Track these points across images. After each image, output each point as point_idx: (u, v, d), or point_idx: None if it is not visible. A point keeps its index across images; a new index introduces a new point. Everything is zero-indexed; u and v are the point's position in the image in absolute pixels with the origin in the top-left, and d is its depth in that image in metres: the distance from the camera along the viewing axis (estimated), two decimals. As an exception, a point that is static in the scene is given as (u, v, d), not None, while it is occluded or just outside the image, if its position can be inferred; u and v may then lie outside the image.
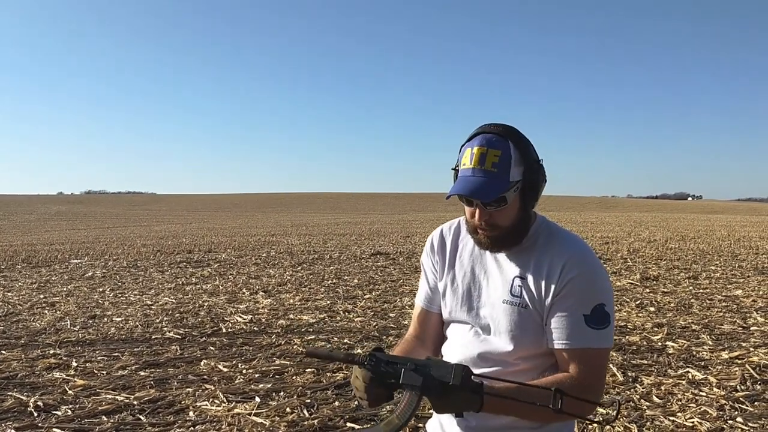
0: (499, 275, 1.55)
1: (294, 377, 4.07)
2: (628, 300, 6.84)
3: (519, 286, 1.50)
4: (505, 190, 1.41)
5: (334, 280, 8.60)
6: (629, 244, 14.01)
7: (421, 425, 3.07)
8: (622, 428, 3.22)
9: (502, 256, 1.55)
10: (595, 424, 3.24)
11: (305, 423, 3.24)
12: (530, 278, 1.49)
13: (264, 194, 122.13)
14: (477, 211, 1.46)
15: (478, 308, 1.56)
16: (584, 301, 1.43)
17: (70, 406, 3.53)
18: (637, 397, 3.69)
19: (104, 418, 3.37)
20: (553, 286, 1.45)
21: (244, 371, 4.19)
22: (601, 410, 3.44)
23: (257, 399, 3.61)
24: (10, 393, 3.75)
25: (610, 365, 4.28)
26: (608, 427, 3.24)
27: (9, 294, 7.74)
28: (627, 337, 5.12)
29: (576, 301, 1.43)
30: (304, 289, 7.86)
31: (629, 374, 4.13)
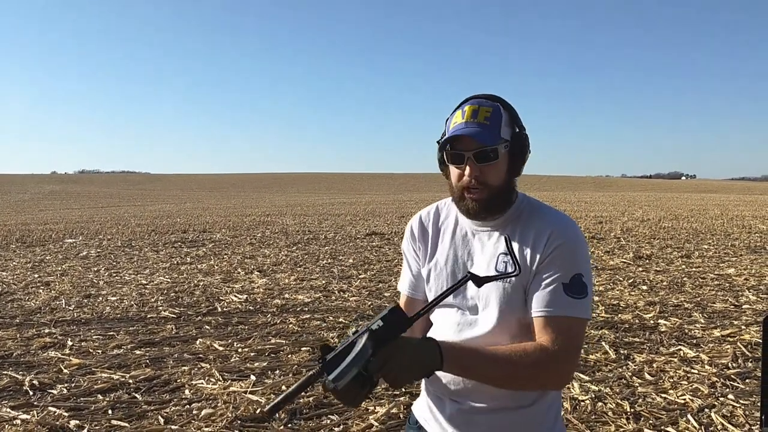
0: (483, 254, 1.54)
1: (289, 356, 4.09)
2: (621, 279, 6.88)
3: (504, 262, 1.50)
4: (497, 142, 1.44)
5: (329, 260, 8.62)
6: (623, 224, 14.06)
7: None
8: (614, 404, 3.26)
9: (484, 236, 1.55)
10: (587, 401, 3.28)
11: (300, 401, 3.26)
12: (516, 251, 1.48)
13: (259, 174, 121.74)
14: (468, 168, 1.46)
15: (464, 290, 1.55)
16: (564, 270, 1.43)
17: (66, 385, 3.55)
18: (629, 374, 3.72)
19: (99, 396, 3.39)
20: (538, 255, 1.46)
21: (239, 350, 4.21)
22: (593, 387, 3.48)
23: (252, 377, 3.64)
24: (5, 372, 3.76)
25: (603, 343, 4.32)
26: (600, 403, 3.28)
27: (3, 273, 7.73)
28: (620, 315, 5.16)
29: (557, 270, 1.43)
30: (299, 269, 7.87)
31: (621, 352, 4.16)
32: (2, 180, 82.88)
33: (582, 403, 3.27)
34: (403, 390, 3.39)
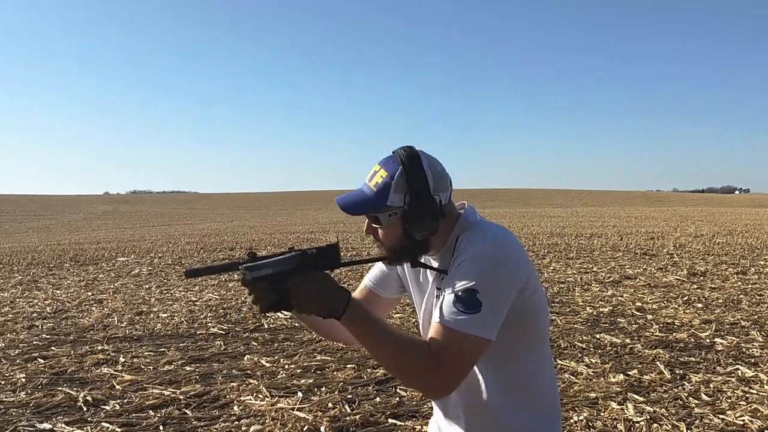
0: (426, 288, 1.65)
1: (335, 372, 4.10)
2: (674, 296, 6.68)
3: (437, 291, 1.58)
4: (375, 210, 1.49)
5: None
6: (675, 239, 13.68)
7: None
8: (669, 426, 3.15)
9: (427, 271, 1.64)
10: (642, 422, 3.18)
11: (347, 418, 3.26)
12: (445, 280, 1.53)
13: (303, 192, 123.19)
14: (366, 225, 1.58)
15: (423, 322, 1.68)
16: (459, 283, 1.42)
17: (118, 401, 3.63)
18: (685, 394, 3.60)
19: (151, 412, 3.45)
20: (451, 271, 1.49)
21: (286, 366, 4.24)
22: (648, 408, 3.37)
23: (299, 394, 3.65)
24: (60, 388, 3.86)
25: (658, 363, 4.19)
26: (655, 425, 3.17)
27: (58, 291, 7.98)
28: (674, 334, 5.00)
29: (455, 282, 1.43)
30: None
31: (677, 372, 4.03)
32: (56, 201, 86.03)
33: (637, 425, 3.18)
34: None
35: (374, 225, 1.54)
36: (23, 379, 4.03)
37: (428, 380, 1.38)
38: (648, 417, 3.26)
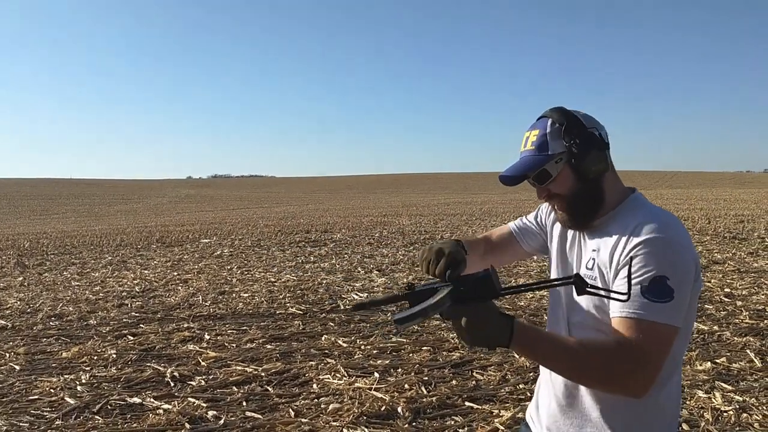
0: (579, 252, 1.57)
1: (410, 354, 4.13)
2: (766, 282, 6.32)
3: (593, 259, 1.48)
4: (540, 164, 1.46)
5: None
6: (767, 223, 12.91)
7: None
8: (760, 416, 3.01)
9: (585, 234, 1.55)
10: (731, 411, 3.04)
11: (423, 400, 3.28)
12: (602, 250, 1.46)
13: (375, 176, 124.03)
14: (536, 190, 1.52)
15: (563, 295, 1.59)
16: (644, 271, 1.33)
17: (204, 377, 3.79)
18: (779, 385, 3.41)
19: (234, 388, 3.59)
20: (616, 256, 1.40)
21: (362, 347, 4.31)
22: (737, 397, 3.22)
23: (376, 374, 3.70)
24: (148, 364, 4.07)
25: (748, 351, 3.99)
26: (745, 414, 3.03)
27: (146, 272, 8.40)
28: (765, 321, 4.75)
29: (636, 270, 1.34)
30: (417, 268, 7.92)
31: (769, 361, 3.83)
32: (143, 185, 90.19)
33: (725, 414, 3.04)
34: (529, 395, 3.32)
35: (545, 185, 1.49)
36: (114, 355, 4.27)
37: (628, 379, 1.32)
38: (737, 406, 3.12)
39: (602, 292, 1.36)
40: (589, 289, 1.31)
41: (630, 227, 1.41)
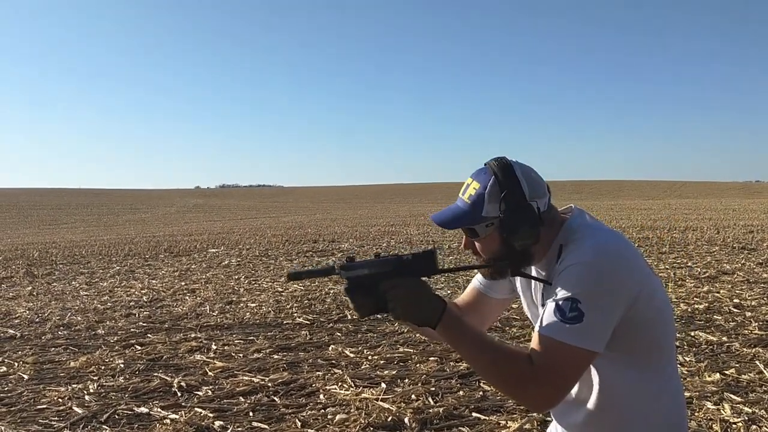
0: (535, 298, 1.61)
1: (418, 365, 4.12)
2: (776, 293, 6.28)
3: (542, 295, 1.53)
4: (471, 223, 1.47)
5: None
6: (777, 233, 12.84)
7: None
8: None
9: (535, 270, 1.59)
10: (740, 423, 3.02)
11: (431, 411, 3.27)
12: (549, 285, 1.48)
13: (383, 185, 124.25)
14: (463, 239, 1.55)
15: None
16: (563, 291, 1.35)
17: (211, 387, 3.79)
18: (791, 398, 3.38)
19: (241, 398, 3.59)
20: (555, 277, 1.43)
21: (369, 357, 4.30)
22: (746, 409, 3.19)
23: (383, 385, 3.70)
24: (155, 374, 4.08)
25: (757, 362, 3.96)
26: (754, 426, 3.00)
27: (153, 281, 8.43)
28: (777, 333, 4.71)
29: (558, 290, 1.37)
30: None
31: (781, 374, 3.79)
32: (151, 195, 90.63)
33: (734, 426, 3.02)
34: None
35: (472, 239, 1.52)
36: (122, 365, 4.28)
37: (525, 392, 1.33)
38: (746, 418, 3.09)
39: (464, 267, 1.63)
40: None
41: (562, 258, 1.44)
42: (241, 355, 4.48)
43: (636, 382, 1.43)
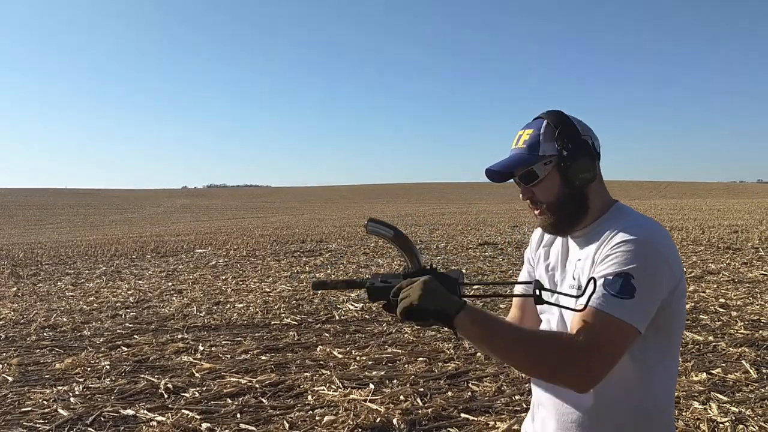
0: (569, 261, 1.55)
1: (406, 365, 4.12)
2: (761, 292, 6.34)
3: (577, 269, 1.48)
4: (529, 163, 1.46)
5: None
6: (761, 233, 12.97)
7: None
8: (756, 427, 3.01)
9: (573, 243, 1.54)
10: (727, 423, 3.04)
11: (419, 412, 3.26)
12: (585, 260, 1.45)
13: (370, 185, 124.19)
14: (521, 191, 1.51)
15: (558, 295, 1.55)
16: (612, 268, 1.32)
17: (198, 389, 3.76)
18: (775, 397, 3.42)
19: (229, 400, 3.57)
20: (596, 261, 1.39)
21: (357, 358, 4.29)
22: (733, 408, 3.22)
23: (371, 386, 3.69)
24: (142, 375, 4.05)
25: (743, 362, 4.00)
26: (741, 426, 3.03)
27: (140, 282, 8.37)
28: (761, 331, 4.76)
29: (605, 267, 1.33)
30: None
31: (764, 371, 3.83)
32: (138, 195, 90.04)
33: (721, 425, 3.04)
34: (525, 406, 3.31)
35: (530, 186, 1.48)
36: (108, 366, 4.24)
37: (573, 370, 1.28)
38: (733, 418, 3.12)
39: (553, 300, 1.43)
40: (543, 299, 1.35)
41: (610, 233, 1.40)
42: (228, 356, 4.46)
43: (647, 369, 1.41)
